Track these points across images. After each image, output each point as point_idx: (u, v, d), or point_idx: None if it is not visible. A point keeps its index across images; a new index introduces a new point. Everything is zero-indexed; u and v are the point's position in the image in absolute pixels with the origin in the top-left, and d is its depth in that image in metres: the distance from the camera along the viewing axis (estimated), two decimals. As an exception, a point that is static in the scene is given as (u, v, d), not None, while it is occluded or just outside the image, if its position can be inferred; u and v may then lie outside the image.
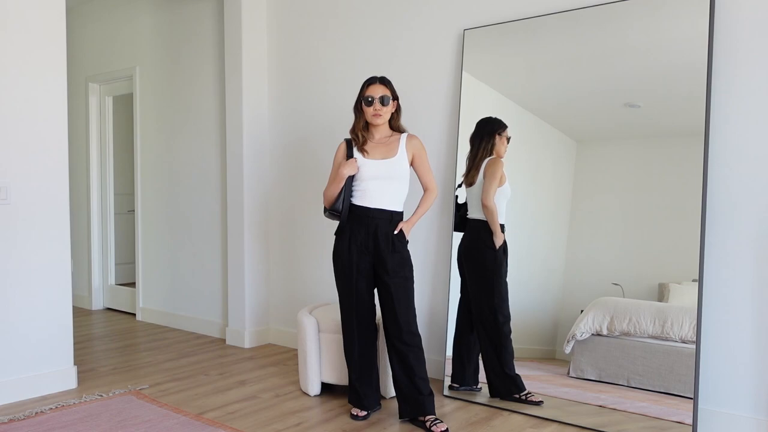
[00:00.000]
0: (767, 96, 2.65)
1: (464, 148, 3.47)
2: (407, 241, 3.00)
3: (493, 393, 3.20)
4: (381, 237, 2.92)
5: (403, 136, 3.01)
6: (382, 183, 2.94)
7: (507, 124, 3.28)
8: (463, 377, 3.32)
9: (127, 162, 5.86)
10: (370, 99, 2.94)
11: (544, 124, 3.19)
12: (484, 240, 3.26)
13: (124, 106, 5.85)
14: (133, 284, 5.67)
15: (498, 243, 3.22)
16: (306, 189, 4.36)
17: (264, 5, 4.54)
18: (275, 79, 4.54)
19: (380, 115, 2.95)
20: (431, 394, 2.88)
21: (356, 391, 3.02)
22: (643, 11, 2.90)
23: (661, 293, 2.83)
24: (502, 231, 3.23)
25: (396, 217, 2.97)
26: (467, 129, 3.47)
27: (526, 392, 3.10)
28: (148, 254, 5.39)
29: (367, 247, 2.94)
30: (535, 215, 3.21)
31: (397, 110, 3.05)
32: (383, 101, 2.94)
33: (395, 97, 3.01)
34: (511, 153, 3.29)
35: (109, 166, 5.86)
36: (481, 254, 3.27)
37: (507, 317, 3.20)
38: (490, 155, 3.29)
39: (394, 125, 3.05)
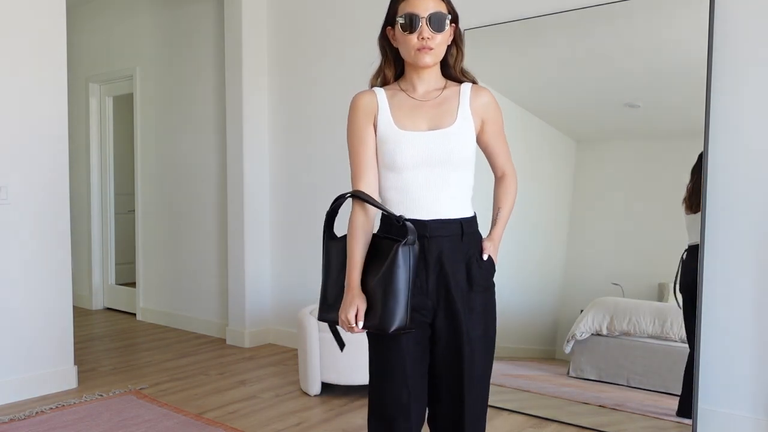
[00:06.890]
0: (767, 96, 2.65)
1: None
2: (494, 272, 1.75)
3: None
4: (450, 270, 1.65)
5: (465, 86, 1.72)
6: (433, 173, 1.66)
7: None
8: None
9: (127, 162, 5.86)
10: (412, 19, 1.61)
11: (544, 124, 3.19)
12: None
13: (124, 106, 5.85)
14: (133, 284, 5.67)
15: None
16: (306, 189, 4.35)
17: (264, 5, 4.54)
18: (275, 79, 4.53)
19: (431, 48, 1.62)
20: None
21: None
22: (643, 11, 2.90)
23: (661, 293, 2.84)
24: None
25: (469, 228, 1.70)
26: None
27: None
28: (148, 254, 5.39)
29: (426, 292, 1.65)
30: (535, 215, 3.21)
31: (457, 42, 1.72)
32: (435, 23, 1.61)
33: (455, 19, 1.68)
34: (511, 153, 3.28)
35: (109, 166, 5.86)
36: None
37: None
38: None
39: (453, 69, 1.74)
